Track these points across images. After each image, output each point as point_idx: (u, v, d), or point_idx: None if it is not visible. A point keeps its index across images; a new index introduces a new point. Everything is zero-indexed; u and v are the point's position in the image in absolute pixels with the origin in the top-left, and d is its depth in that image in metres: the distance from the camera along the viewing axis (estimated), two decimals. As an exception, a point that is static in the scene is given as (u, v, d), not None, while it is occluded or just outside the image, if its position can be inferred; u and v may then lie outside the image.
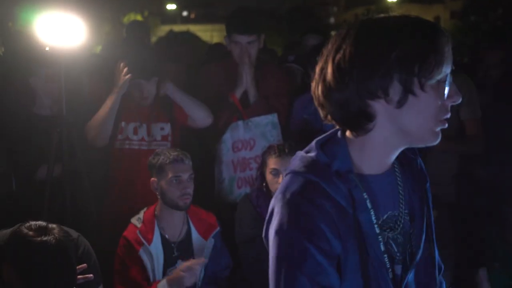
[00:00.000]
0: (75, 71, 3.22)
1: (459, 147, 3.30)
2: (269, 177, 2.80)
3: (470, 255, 2.94)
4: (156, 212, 2.72)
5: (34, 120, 3.02)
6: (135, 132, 3.02)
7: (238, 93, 3.18)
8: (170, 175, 2.63)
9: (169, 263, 2.67)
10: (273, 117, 3.21)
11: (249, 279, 2.77)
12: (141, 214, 2.73)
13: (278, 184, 2.76)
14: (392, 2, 43.94)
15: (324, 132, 3.56)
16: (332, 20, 58.40)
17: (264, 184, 2.85)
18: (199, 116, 3.07)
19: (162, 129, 3.06)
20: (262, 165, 2.86)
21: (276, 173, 2.77)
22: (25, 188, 2.98)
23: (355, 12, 42.21)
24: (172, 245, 2.70)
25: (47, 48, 2.82)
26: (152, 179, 2.69)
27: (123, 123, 3.03)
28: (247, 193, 3.00)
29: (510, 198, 2.69)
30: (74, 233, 2.27)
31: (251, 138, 3.19)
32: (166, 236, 2.70)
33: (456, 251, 2.92)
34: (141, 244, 2.62)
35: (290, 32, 5.13)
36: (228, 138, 3.18)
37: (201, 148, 3.32)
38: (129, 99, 3.01)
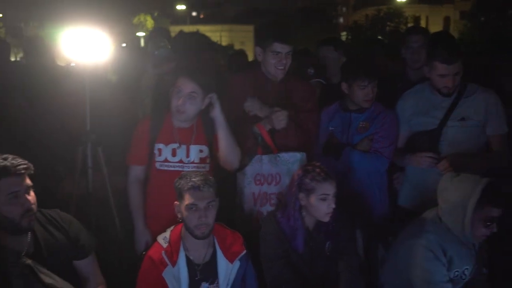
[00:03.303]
0: (98, 85, 3.19)
1: (484, 163, 3.24)
2: (313, 200, 2.71)
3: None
4: (182, 233, 2.68)
5: (58, 135, 3.00)
6: (174, 153, 2.91)
7: (267, 126, 3.06)
8: (187, 202, 2.56)
9: (193, 285, 2.63)
10: (302, 156, 3.09)
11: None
12: (167, 233, 2.68)
13: (328, 208, 2.69)
14: (402, 3, 43.82)
15: (349, 145, 3.49)
16: (341, 20, 58.37)
17: (299, 206, 2.76)
18: (227, 159, 2.93)
19: (201, 151, 2.96)
20: (300, 188, 2.75)
21: (325, 198, 2.70)
22: (47, 203, 2.97)
23: (365, 13, 42.02)
24: (196, 267, 2.64)
25: (72, 64, 2.80)
26: (175, 202, 2.64)
27: (161, 145, 2.93)
28: (272, 211, 2.94)
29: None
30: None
31: (277, 173, 3.09)
32: (191, 258, 2.64)
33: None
34: (165, 265, 2.57)
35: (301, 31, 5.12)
36: (250, 170, 3.09)
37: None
38: (168, 122, 2.94)
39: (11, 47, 3.94)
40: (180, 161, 2.92)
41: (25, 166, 2.14)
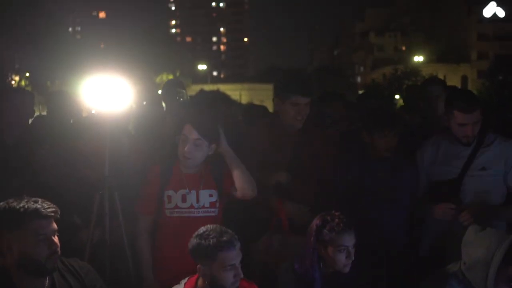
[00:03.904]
0: (116, 132, 3.25)
1: (507, 214, 3.16)
2: (331, 251, 2.65)
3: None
4: (198, 286, 2.59)
5: (77, 182, 3.02)
6: (184, 199, 2.93)
7: (288, 209, 3.12)
8: (223, 263, 2.46)
9: None
10: None
11: None
12: (181, 286, 2.61)
13: (347, 260, 2.63)
14: (419, 62, 44.40)
15: (367, 194, 3.42)
16: (359, 79, 59.22)
17: (317, 257, 2.69)
18: (245, 186, 2.92)
19: (210, 195, 2.95)
20: (318, 239, 2.69)
21: (343, 250, 2.64)
22: (63, 251, 2.96)
23: (383, 72, 42.68)
24: None
25: (93, 111, 2.86)
26: (199, 266, 2.52)
27: (171, 191, 2.94)
28: (289, 263, 2.84)
29: None
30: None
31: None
32: None
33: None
34: None
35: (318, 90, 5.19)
36: (255, 248, 3.11)
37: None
38: (177, 169, 2.97)
39: (37, 103, 4.07)
40: (191, 207, 2.91)
41: (53, 209, 2.20)
